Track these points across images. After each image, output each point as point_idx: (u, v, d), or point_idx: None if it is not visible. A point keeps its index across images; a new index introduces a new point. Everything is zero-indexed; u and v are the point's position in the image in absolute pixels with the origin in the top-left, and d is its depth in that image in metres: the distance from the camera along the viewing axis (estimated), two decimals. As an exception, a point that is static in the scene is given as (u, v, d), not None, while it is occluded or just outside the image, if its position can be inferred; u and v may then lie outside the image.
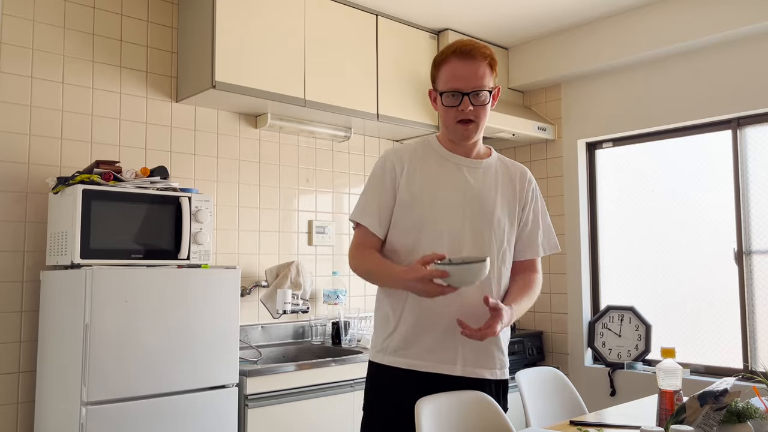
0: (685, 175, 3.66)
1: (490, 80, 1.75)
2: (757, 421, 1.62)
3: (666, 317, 3.68)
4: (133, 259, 2.50)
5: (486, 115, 1.76)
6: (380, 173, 1.81)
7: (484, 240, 1.76)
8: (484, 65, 1.73)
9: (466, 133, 1.76)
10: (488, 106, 1.76)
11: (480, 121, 1.75)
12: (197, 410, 2.44)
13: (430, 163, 1.81)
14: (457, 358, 1.74)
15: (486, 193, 1.79)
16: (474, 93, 1.72)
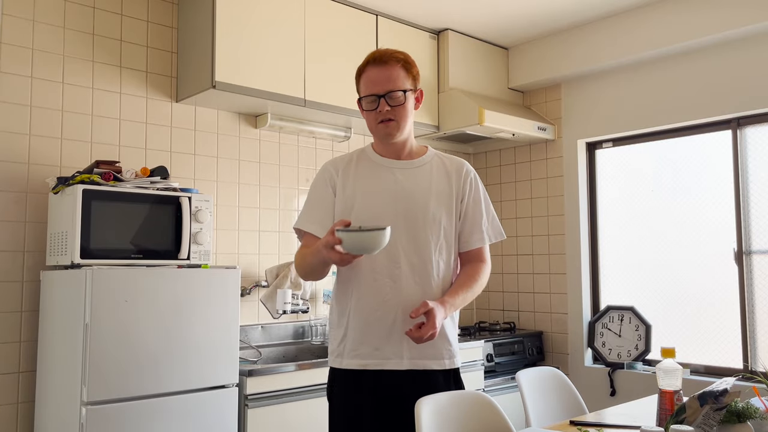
0: (685, 175, 3.66)
1: (405, 82, 1.86)
2: (757, 421, 1.63)
3: (666, 317, 3.68)
4: (133, 259, 2.50)
5: (406, 114, 1.86)
6: (320, 183, 1.93)
7: (419, 237, 1.83)
8: (398, 68, 1.85)
9: (387, 130, 1.85)
10: (407, 106, 1.86)
11: (400, 119, 1.85)
12: (197, 410, 2.44)
13: (362, 169, 1.91)
14: (403, 352, 1.80)
15: (418, 191, 1.87)
16: (388, 95, 1.83)
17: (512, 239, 4.33)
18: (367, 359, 1.80)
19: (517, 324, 4.22)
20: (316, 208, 1.91)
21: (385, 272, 1.81)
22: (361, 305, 1.82)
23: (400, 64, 1.86)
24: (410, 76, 1.87)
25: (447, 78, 3.86)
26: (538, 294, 4.16)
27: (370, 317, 1.81)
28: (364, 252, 1.64)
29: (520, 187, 4.30)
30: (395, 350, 1.79)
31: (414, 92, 1.89)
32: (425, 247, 1.83)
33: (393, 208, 1.84)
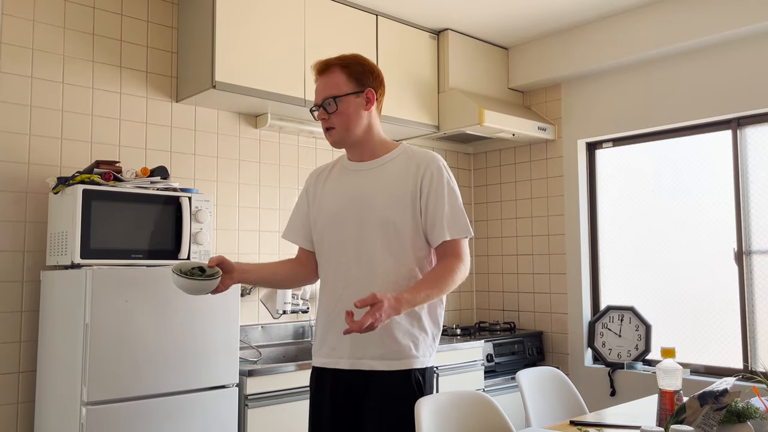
0: (685, 175, 3.66)
1: (345, 86, 1.83)
2: (757, 421, 1.63)
3: (666, 317, 3.68)
4: (133, 259, 2.50)
5: (347, 119, 1.83)
6: (301, 193, 2.03)
7: (368, 238, 1.81)
8: (336, 74, 1.84)
9: (331, 138, 1.87)
10: (346, 110, 1.83)
11: (340, 125, 1.84)
12: (197, 410, 2.44)
13: (333, 176, 1.95)
14: (347, 350, 1.80)
15: (371, 192, 1.84)
16: (325, 102, 1.83)
17: (512, 239, 4.33)
18: (326, 358, 1.85)
19: (517, 324, 4.22)
20: (294, 219, 2.01)
21: (338, 274, 1.84)
22: (322, 305, 1.88)
23: (338, 68, 1.84)
24: (352, 77, 1.84)
25: (447, 78, 3.86)
26: (538, 294, 4.16)
27: (328, 317, 1.85)
28: (191, 293, 1.75)
29: (520, 187, 4.30)
30: (344, 349, 1.80)
31: (359, 94, 1.84)
32: (374, 248, 1.80)
33: (346, 210, 1.85)
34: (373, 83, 1.88)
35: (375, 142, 1.90)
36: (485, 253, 4.47)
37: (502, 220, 4.39)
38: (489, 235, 4.46)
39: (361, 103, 1.86)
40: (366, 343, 1.77)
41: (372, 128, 1.89)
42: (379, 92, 1.91)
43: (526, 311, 4.22)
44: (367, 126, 1.87)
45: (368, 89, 1.86)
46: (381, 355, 1.77)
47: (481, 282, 4.48)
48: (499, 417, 1.92)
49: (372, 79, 1.88)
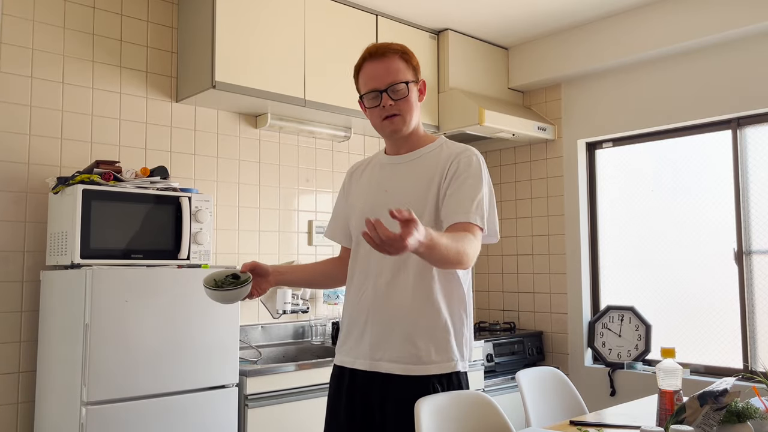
0: (685, 175, 3.66)
1: (407, 73, 1.78)
2: (757, 421, 1.63)
3: (666, 317, 3.68)
4: (133, 259, 2.50)
5: (411, 107, 1.78)
6: (340, 190, 1.99)
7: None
8: (397, 60, 1.77)
9: (393, 126, 1.77)
10: (411, 98, 1.77)
11: (405, 113, 1.77)
12: (197, 410, 2.44)
13: (368, 171, 1.90)
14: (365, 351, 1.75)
15: (400, 186, 1.79)
16: (390, 88, 1.75)
17: (512, 239, 4.33)
18: (345, 356, 1.81)
19: (517, 324, 4.22)
20: (333, 217, 1.99)
21: (363, 272, 1.79)
22: (347, 302, 1.84)
23: (398, 56, 1.78)
24: (410, 67, 1.80)
25: (447, 78, 3.86)
26: (538, 294, 4.16)
27: (351, 315, 1.81)
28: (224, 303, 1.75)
29: (520, 187, 4.30)
30: (363, 350, 1.75)
31: (416, 83, 1.81)
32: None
33: (373, 206, 1.79)
34: (420, 76, 1.85)
35: (419, 135, 1.85)
36: (485, 253, 4.47)
37: (502, 220, 4.39)
38: (489, 235, 4.45)
39: (416, 94, 1.82)
40: (385, 344, 1.72)
41: (418, 119, 1.84)
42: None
43: (526, 311, 4.22)
44: (417, 116, 1.82)
45: (423, 81, 1.85)
46: (399, 358, 1.70)
47: (481, 282, 4.48)
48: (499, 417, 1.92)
49: (420, 71, 1.84)
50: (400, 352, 1.70)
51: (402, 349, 1.70)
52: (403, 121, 1.77)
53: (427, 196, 1.74)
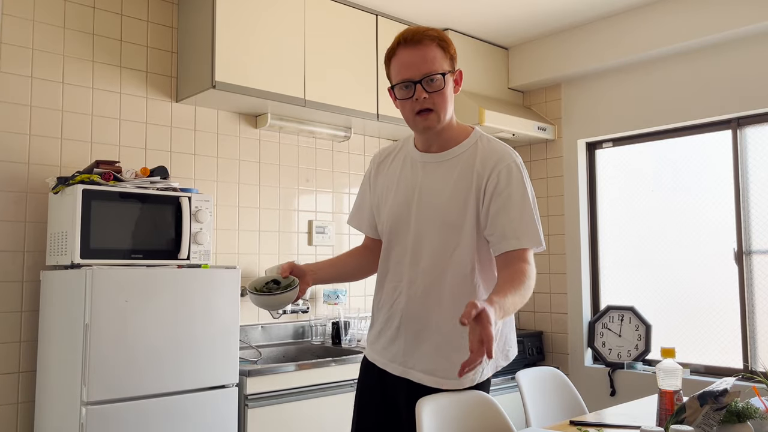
0: (685, 175, 3.66)
1: (443, 63, 1.65)
2: (757, 421, 1.63)
3: (666, 317, 3.68)
4: (133, 259, 2.50)
5: (445, 101, 1.65)
6: (365, 178, 1.91)
7: (430, 241, 1.67)
8: (433, 48, 1.65)
9: (426, 123, 1.65)
10: (446, 91, 1.65)
11: (440, 108, 1.64)
12: (197, 410, 2.44)
13: (396, 163, 1.80)
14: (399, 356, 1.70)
15: (434, 190, 1.69)
16: (426, 79, 1.62)
17: (512, 239, 4.32)
18: (378, 355, 1.77)
19: (517, 324, 4.23)
20: (358, 204, 1.91)
21: (397, 275, 1.73)
22: (379, 302, 1.78)
23: (436, 43, 1.65)
24: (448, 56, 1.67)
25: (447, 78, 3.85)
26: (538, 294, 4.16)
27: (385, 315, 1.75)
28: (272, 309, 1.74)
29: (520, 187, 4.30)
30: (396, 354, 1.71)
31: (453, 74, 1.68)
32: (433, 249, 1.66)
33: (408, 207, 1.71)
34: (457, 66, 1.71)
35: (453, 129, 1.71)
36: (485, 253, 4.46)
37: (502, 220, 4.38)
38: (489, 235, 4.45)
39: (453, 86, 1.69)
40: (417, 354, 1.67)
41: (453, 113, 1.71)
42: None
43: (526, 311, 4.22)
44: (452, 112, 1.70)
45: (459, 70, 1.71)
46: (431, 370, 1.66)
47: (481, 282, 4.47)
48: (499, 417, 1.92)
49: (457, 61, 1.71)
50: (432, 364, 1.65)
51: (434, 362, 1.65)
52: (437, 117, 1.65)
53: (467, 207, 1.64)
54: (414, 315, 1.68)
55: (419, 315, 1.68)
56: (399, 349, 1.70)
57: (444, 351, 1.64)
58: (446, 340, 1.64)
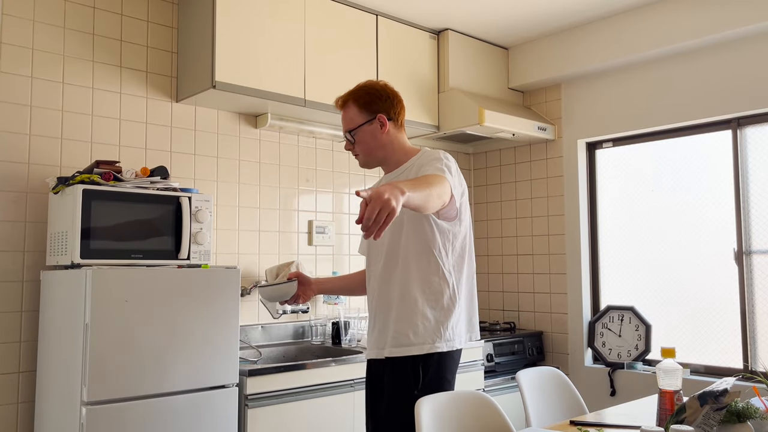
0: (685, 175, 3.66)
1: (359, 117, 2.06)
2: (757, 421, 1.63)
3: (666, 317, 3.68)
4: (133, 259, 2.50)
5: (366, 147, 2.07)
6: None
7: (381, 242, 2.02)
8: (350, 107, 2.08)
9: (359, 162, 2.14)
10: (365, 139, 2.06)
11: (363, 153, 2.09)
12: (197, 410, 2.44)
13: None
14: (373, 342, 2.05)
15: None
16: (347, 136, 2.09)
17: (512, 239, 4.33)
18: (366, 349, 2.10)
19: (517, 324, 4.22)
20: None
21: (369, 274, 2.11)
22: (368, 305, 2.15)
23: (351, 102, 2.08)
24: (364, 108, 2.06)
25: (447, 78, 3.86)
26: (538, 294, 4.16)
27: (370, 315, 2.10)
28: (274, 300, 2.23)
29: (520, 187, 4.30)
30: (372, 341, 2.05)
31: (371, 121, 2.05)
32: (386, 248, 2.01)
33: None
34: (383, 106, 2.06)
35: (398, 155, 2.09)
36: (485, 253, 4.47)
37: (502, 220, 4.39)
38: (489, 235, 4.46)
39: (376, 128, 2.06)
40: (384, 334, 1.98)
41: (392, 145, 2.08)
42: (394, 111, 2.08)
43: (526, 311, 4.22)
44: (387, 145, 2.07)
45: (379, 115, 2.05)
46: (389, 343, 1.95)
47: (481, 282, 4.47)
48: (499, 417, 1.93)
49: (382, 102, 2.06)
50: (391, 337, 1.96)
51: (391, 335, 1.96)
52: (364, 159, 2.11)
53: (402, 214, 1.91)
54: (378, 303, 2.03)
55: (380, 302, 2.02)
56: (374, 336, 2.03)
57: (397, 326, 1.95)
58: (397, 317, 1.96)
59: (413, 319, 1.93)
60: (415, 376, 1.92)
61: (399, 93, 2.15)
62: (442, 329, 1.93)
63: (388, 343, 1.96)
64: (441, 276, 1.95)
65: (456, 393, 1.85)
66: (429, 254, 1.96)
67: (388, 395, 1.96)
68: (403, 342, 1.93)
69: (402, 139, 2.11)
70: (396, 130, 2.09)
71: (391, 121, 2.08)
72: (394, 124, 2.09)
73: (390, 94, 2.09)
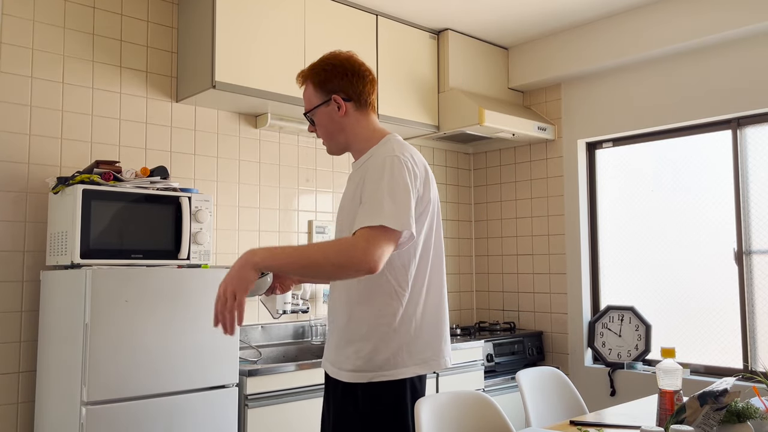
0: (685, 175, 3.66)
1: (315, 98, 1.79)
2: (757, 421, 1.63)
3: (666, 317, 3.68)
4: (133, 259, 2.50)
5: (324, 129, 1.81)
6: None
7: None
8: (308, 86, 1.80)
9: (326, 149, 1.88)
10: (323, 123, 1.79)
11: (324, 138, 1.83)
12: (197, 410, 2.44)
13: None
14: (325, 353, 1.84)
15: (344, 197, 1.82)
16: (309, 116, 1.82)
17: (512, 239, 4.33)
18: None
19: (517, 324, 4.22)
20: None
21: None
22: None
23: (309, 80, 1.79)
24: (319, 87, 1.77)
25: (447, 78, 3.86)
26: (538, 294, 4.16)
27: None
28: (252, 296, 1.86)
29: (520, 187, 4.30)
30: (325, 354, 1.85)
31: (327, 103, 1.77)
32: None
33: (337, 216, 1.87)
34: (341, 84, 1.76)
35: (360, 142, 1.81)
36: (485, 253, 4.47)
37: (502, 220, 4.39)
38: (489, 235, 4.46)
39: (333, 110, 1.77)
40: (329, 349, 1.78)
41: (354, 128, 1.79)
42: (354, 90, 1.77)
43: (526, 311, 4.22)
44: (348, 128, 1.79)
45: (333, 95, 1.76)
46: (333, 362, 1.76)
47: (481, 282, 4.48)
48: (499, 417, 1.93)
49: (339, 79, 1.76)
50: (332, 357, 1.76)
51: (333, 355, 1.76)
52: (328, 146, 1.85)
53: (352, 206, 1.70)
54: (330, 320, 1.82)
55: (329, 318, 1.82)
56: (327, 347, 1.82)
57: (338, 346, 1.74)
58: (339, 337, 1.74)
59: (339, 343, 1.72)
60: (347, 404, 1.69)
61: (367, 66, 1.82)
62: (374, 355, 1.66)
63: (334, 362, 1.74)
64: (385, 299, 1.67)
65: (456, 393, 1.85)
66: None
67: (333, 417, 1.75)
68: (339, 365, 1.71)
69: (367, 123, 1.80)
70: (358, 112, 1.78)
71: (350, 102, 1.77)
72: (355, 105, 1.78)
73: (351, 70, 1.77)
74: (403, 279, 1.69)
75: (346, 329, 1.72)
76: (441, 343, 1.74)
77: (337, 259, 1.53)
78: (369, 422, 1.66)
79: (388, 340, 1.67)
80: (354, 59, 1.80)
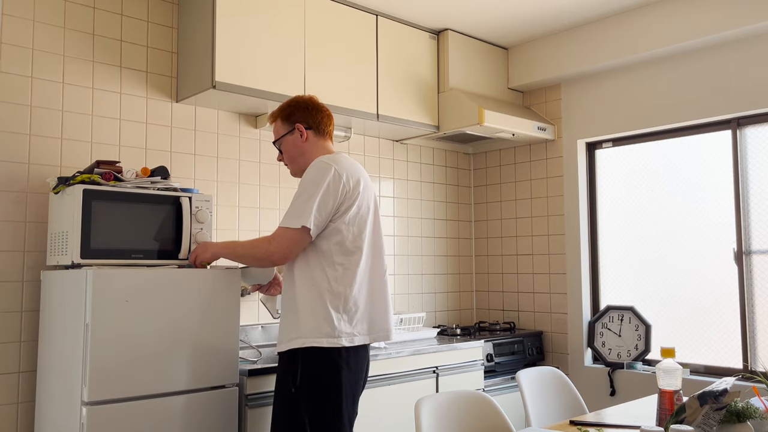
0: (685, 175, 3.66)
1: (282, 129, 2.32)
2: (757, 421, 1.63)
3: (666, 317, 3.69)
4: (134, 259, 2.50)
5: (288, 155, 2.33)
6: None
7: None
8: (276, 121, 2.33)
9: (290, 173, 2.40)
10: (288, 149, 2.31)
11: (288, 159, 2.34)
12: (197, 410, 2.44)
13: None
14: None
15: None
16: (276, 145, 2.37)
17: (512, 239, 4.33)
18: None
19: (517, 324, 4.23)
20: None
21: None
22: None
23: (276, 116, 2.31)
24: (285, 120, 2.29)
25: (447, 78, 3.86)
26: (538, 294, 4.16)
27: None
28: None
29: (520, 187, 4.31)
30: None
31: (292, 132, 2.29)
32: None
33: None
34: (302, 116, 2.27)
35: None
36: (485, 253, 4.47)
37: (502, 220, 4.39)
38: (489, 235, 4.46)
39: (297, 137, 2.28)
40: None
41: (314, 153, 2.26)
42: (314, 120, 2.28)
43: (526, 311, 4.22)
44: (307, 152, 2.28)
45: (297, 124, 2.27)
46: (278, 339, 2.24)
47: (481, 282, 4.48)
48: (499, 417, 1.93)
49: (301, 112, 2.27)
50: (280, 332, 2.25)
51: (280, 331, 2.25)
52: (290, 168, 2.36)
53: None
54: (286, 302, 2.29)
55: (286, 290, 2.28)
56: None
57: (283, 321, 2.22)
58: (283, 312, 2.23)
59: (285, 315, 2.18)
60: (285, 371, 2.15)
61: (325, 106, 2.34)
62: (302, 326, 2.10)
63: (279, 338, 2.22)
64: (316, 279, 2.14)
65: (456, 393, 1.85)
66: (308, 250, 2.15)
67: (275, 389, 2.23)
68: (282, 338, 2.18)
69: (324, 149, 2.28)
70: (317, 138, 2.29)
71: (310, 130, 2.28)
72: (315, 132, 2.29)
73: (311, 105, 2.29)
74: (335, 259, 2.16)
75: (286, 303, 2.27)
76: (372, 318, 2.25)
77: (254, 253, 2.22)
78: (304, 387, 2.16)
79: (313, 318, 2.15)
80: (314, 99, 2.33)
